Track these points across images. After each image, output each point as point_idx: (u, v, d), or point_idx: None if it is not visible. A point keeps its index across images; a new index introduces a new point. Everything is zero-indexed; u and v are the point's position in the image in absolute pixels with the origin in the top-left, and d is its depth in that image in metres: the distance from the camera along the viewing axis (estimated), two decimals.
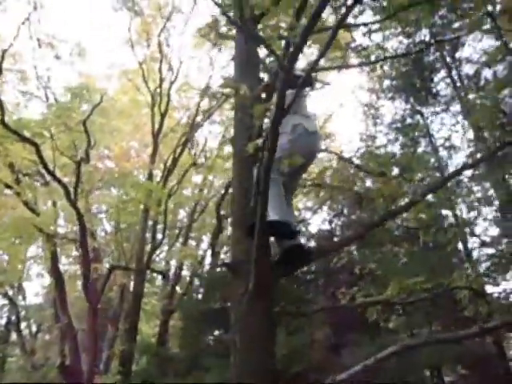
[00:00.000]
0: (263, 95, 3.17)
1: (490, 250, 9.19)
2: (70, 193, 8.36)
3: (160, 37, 11.44)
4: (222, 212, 11.25)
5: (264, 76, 3.51)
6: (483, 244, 8.73)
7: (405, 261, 7.30)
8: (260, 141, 2.42)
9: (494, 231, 9.30)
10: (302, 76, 2.68)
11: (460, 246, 10.10)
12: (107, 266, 10.96)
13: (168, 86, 12.40)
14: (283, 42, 2.96)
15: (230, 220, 3.03)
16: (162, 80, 12.12)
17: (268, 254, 2.35)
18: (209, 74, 13.34)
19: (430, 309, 8.24)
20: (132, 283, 16.01)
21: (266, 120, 3.01)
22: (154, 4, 10.84)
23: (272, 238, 2.54)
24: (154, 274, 14.80)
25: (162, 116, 12.16)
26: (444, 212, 8.80)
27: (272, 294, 2.28)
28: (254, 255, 2.15)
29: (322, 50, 2.24)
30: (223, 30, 6.53)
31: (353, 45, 5.66)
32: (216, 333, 9.83)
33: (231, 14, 4.98)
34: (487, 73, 11.90)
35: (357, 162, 5.41)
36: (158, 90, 12.11)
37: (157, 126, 12.01)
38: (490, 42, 11.38)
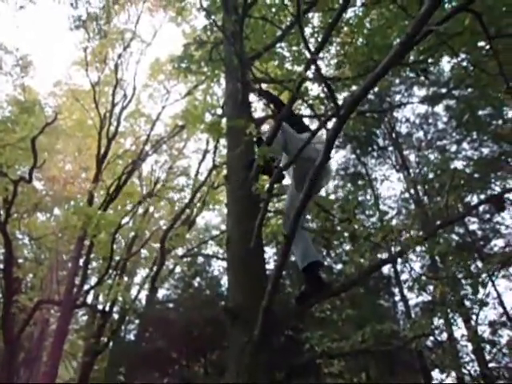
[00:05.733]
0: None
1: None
2: None
3: (117, 61, 11.15)
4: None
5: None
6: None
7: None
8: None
9: None
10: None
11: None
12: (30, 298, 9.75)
13: (119, 110, 12.03)
14: None
15: (227, 264, 2.84)
16: (113, 104, 11.70)
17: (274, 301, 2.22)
18: (162, 105, 13.15)
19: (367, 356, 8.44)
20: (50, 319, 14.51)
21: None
22: (116, 28, 10.63)
23: None
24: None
25: (110, 140, 11.64)
26: None
27: (277, 345, 2.14)
28: (265, 303, 2.02)
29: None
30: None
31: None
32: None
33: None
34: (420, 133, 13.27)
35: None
36: (108, 114, 11.68)
37: (102, 151, 11.44)
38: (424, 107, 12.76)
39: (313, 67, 2.38)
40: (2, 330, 7.67)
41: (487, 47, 3.92)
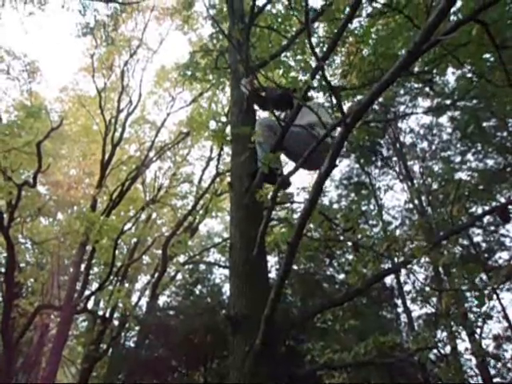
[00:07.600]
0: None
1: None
2: (2, 218, 7.50)
3: (124, 68, 11.24)
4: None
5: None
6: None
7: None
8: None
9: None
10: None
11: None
12: (31, 303, 9.72)
13: (124, 117, 12.11)
14: None
15: (229, 270, 2.82)
16: (119, 110, 11.78)
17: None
18: (167, 112, 13.22)
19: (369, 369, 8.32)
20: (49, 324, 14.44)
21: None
22: (123, 36, 10.74)
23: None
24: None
25: (114, 146, 11.70)
26: None
27: (278, 355, 2.10)
28: (268, 311, 1.99)
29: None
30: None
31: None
32: None
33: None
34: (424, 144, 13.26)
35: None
36: (113, 120, 11.75)
37: (107, 157, 11.49)
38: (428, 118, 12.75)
39: (318, 76, 2.39)
40: (1, 335, 7.62)
41: (491, 59, 3.93)
